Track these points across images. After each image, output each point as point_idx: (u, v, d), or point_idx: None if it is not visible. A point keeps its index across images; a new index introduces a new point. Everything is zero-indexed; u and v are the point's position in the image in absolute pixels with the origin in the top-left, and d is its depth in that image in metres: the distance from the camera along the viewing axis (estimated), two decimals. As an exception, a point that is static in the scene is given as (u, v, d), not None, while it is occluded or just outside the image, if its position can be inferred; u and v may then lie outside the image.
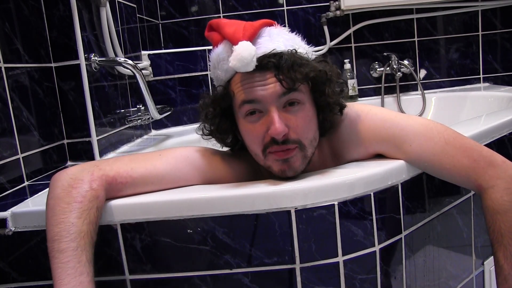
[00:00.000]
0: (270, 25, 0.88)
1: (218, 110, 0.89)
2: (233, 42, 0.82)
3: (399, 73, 2.14)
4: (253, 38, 0.83)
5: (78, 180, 0.79)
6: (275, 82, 0.82)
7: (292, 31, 0.91)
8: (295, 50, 0.84)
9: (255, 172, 0.96)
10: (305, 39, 0.91)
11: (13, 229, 0.87)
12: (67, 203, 0.76)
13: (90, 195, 0.78)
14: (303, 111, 0.85)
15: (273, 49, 0.82)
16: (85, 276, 0.73)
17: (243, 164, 0.96)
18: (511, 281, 0.86)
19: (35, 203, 0.91)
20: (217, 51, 0.88)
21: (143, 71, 1.60)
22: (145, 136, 1.83)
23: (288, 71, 0.81)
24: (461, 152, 0.89)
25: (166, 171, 0.88)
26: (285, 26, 0.91)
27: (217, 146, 0.98)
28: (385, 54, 2.19)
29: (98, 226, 0.79)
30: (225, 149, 0.99)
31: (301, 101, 0.85)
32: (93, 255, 0.76)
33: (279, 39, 0.85)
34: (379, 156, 0.95)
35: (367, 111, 0.94)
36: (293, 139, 0.83)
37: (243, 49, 0.80)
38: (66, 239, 0.73)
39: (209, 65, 0.92)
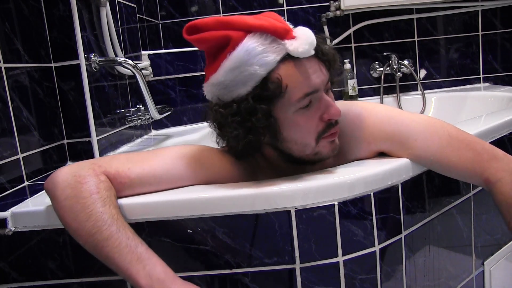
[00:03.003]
0: None
1: (265, 110, 0.82)
2: (281, 32, 0.81)
3: (399, 73, 2.14)
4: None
5: (82, 176, 0.79)
6: (321, 67, 0.85)
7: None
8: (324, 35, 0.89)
9: (254, 171, 0.96)
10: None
11: (13, 229, 0.87)
12: (85, 197, 0.77)
13: (104, 185, 0.79)
14: (331, 92, 0.90)
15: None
16: (140, 247, 0.75)
17: (242, 162, 0.95)
18: None
19: (35, 203, 0.91)
20: (248, 47, 0.80)
21: (143, 71, 1.60)
22: (145, 136, 1.83)
23: (326, 55, 0.85)
24: (465, 145, 0.90)
25: (163, 171, 0.87)
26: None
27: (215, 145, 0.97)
28: (385, 54, 2.19)
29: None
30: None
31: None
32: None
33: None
34: (380, 155, 0.95)
35: (371, 109, 0.95)
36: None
37: (308, 34, 0.82)
38: (105, 226, 0.75)
39: (218, 70, 0.83)
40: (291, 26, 0.85)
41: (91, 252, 0.77)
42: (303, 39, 0.80)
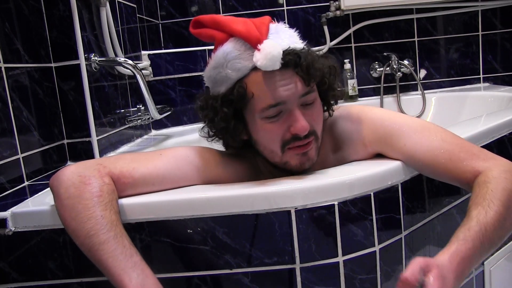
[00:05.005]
0: (270, 21, 0.89)
1: (231, 111, 0.87)
2: (253, 41, 0.82)
3: (399, 73, 2.14)
4: (267, 35, 0.84)
5: (87, 177, 0.79)
6: (295, 80, 0.84)
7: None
8: (308, 47, 0.87)
9: (256, 172, 0.96)
10: (306, 40, 0.92)
11: (13, 229, 0.87)
12: (87, 199, 0.77)
13: (107, 188, 0.79)
14: (316, 106, 0.88)
15: (288, 46, 0.84)
16: (135, 257, 0.75)
17: (244, 163, 0.96)
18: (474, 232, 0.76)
19: (35, 203, 0.91)
20: (226, 50, 0.85)
21: (143, 71, 1.60)
22: (145, 136, 1.83)
23: (307, 69, 0.83)
24: (459, 147, 0.88)
25: (167, 171, 0.88)
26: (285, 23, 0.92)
27: (217, 146, 0.98)
28: (385, 54, 2.19)
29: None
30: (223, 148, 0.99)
31: (315, 98, 0.88)
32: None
33: (285, 35, 0.87)
34: (379, 156, 0.95)
35: (368, 111, 0.95)
36: (311, 132, 0.86)
37: (272, 48, 0.80)
38: (103, 230, 0.75)
39: (209, 64, 0.90)
40: (272, 34, 0.85)
41: (85, 253, 0.77)
42: (263, 54, 0.80)
